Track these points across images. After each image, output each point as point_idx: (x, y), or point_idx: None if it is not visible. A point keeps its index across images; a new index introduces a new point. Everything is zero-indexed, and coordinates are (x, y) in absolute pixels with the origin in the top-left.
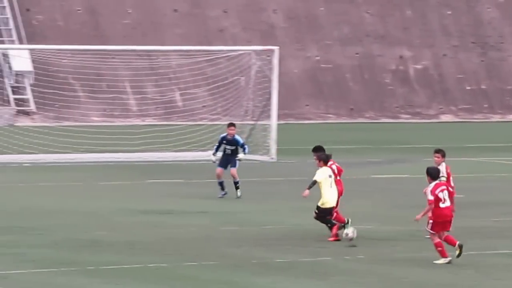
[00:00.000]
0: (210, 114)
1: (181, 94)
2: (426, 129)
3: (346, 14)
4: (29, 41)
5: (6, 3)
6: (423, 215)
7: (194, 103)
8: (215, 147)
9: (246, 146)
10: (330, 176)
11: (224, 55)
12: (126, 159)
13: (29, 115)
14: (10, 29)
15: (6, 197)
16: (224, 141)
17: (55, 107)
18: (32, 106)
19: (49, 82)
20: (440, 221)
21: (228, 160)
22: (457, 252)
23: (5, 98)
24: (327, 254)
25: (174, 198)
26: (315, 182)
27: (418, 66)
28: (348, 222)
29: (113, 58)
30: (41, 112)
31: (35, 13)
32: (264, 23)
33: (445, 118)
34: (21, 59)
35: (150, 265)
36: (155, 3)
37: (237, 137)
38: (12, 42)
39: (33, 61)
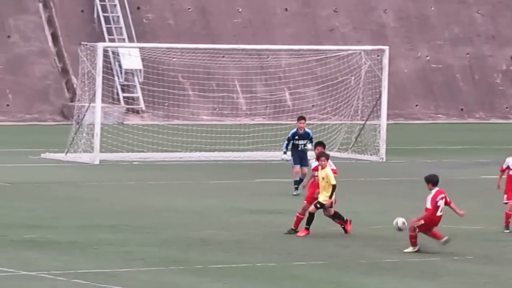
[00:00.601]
0: (320, 114)
1: (290, 94)
2: None
3: (457, 14)
4: (139, 40)
5: (117, 2)
6: (419, 220)
7: (303, 103)
8: (285, 144)
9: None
10: None
11: (334, 54)
12: (235, 158)
13: (138, 113)
14: (120, 28)
15: (115, 195)
16: (296, 136)
17: (165, 106)
18: (142, 105)
19: (158, 81)
20: (430, 225)
21: (301, 157)
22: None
23: (115, 97)
24: (436, 254)
25: (283, 198)
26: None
27: None
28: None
29: (223, 57)
30: (151, 111)
31: (146, 11)
32: (374, 23)
33: None
34: (131, 57)
35: (259, 265)
36: (265, 2)
37: (307, 130)
38: (122, 40)
39: (143, 60)
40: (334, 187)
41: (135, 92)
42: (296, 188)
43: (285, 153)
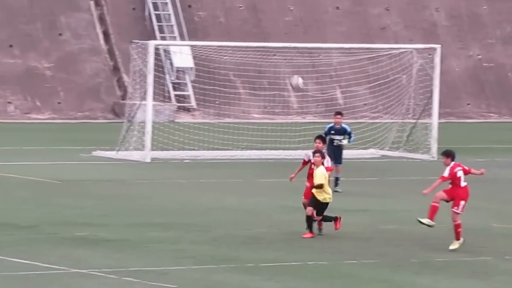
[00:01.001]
0: (371, 112)
1: (342, 92)
2: None
3: (509, 13)
4: (191, 38)
5: (168, 0)
6: (432, 189)
7: (355, 101)
8: None
9: (352, 135)
10: None
11: (386, 53)
12: (286, 156)
13: (189, 111)
14: (172, 26)
15: (166, 193)
16: (332, 131)
17: (216, 104)
18: (193, 103)
19: (209, 79)
20: (455, 197)
21: (335, 154)
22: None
23: (166, 95)
24: (487, 253)
25: (334, 196)
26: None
27: None
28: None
29: (274, 55)
30: (202, 109)
31: (197, 9)
32: (426, 22)
33: None
34: (182, 55)
35: (310, 263)
36: (317, 0)
37: (344, 125)
38: (173, 38)
39: (194, 58)
40: (318, 186)
41: (186, 90)
42: (335, 185)
43: None
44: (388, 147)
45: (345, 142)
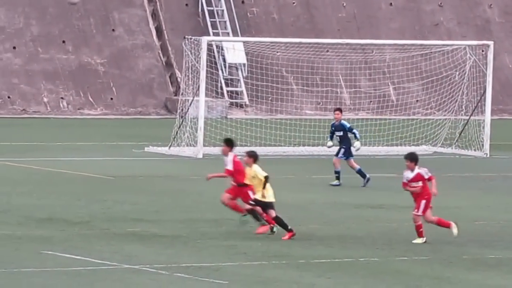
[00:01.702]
0: (424, 109)
1: (394, 88)
2: None
3: None
4: (243, 34)
5: None
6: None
7: (407, 98)
8: (329, 135)
9: (355, 130)
10: None
11: (439, 49)
12: None
13: (242, 107)
14: (225, 21)
15: (218, 189)
16: (333, 128)
17: (268, 100)
18: (245, 99)
19: (262, 75)
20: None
21: (340, 148)
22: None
23: (219, 91)
24: None
25: (387, 192)
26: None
27: None
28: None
29: (327, 51)
30: (254, 105)
31: (250, 5)
32: (479, 18)
33: None
34: (235, 51)
35: (361, 259)
36: None
37: (343, 122)
38: (226, 34)
39: (247, 54)
40: (266, 178)
41: (239, 86)
42: (336, 178)
43: (327, 142)
44: (440, 144)
45: (357, 144)
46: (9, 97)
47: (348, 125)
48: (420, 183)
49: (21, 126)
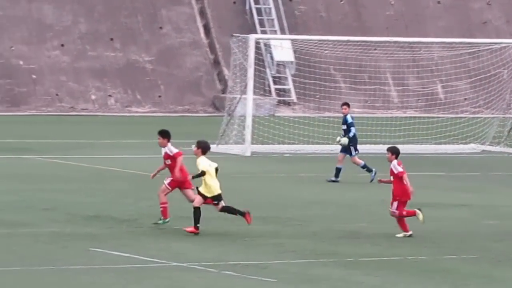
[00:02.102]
0: (472, 107)
1: (442, 87)
2: None
3: None
4: (291, 32)
5: None
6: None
7: (455, 96)
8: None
9: (352, 128)
10: (209, 165)
11: (487, 47)
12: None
13: (289, 105)
14: (272, 19)
15: (266, 187)
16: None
17: (316, 98)
18: (293, 97)
19: (310, 73)
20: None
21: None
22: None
23: (267, 88)
24: None
25: (435, 191)
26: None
27: None
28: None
29: (375, 49)
30: (302, 103)
31: (298, 3)
32: None
33: None
34: (283, 49)
35: (409, 258)
36: None
37: (347, 116)
38: (274, 32)
39: (295, 52)
40: (202, 173)
41: (286, 84)
42: (335, 175)
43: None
44: (488, 142)
45: (341, 139)
46: (57, 95)
47: (350, 120)
48: (392, 178)
49: (69, 123)
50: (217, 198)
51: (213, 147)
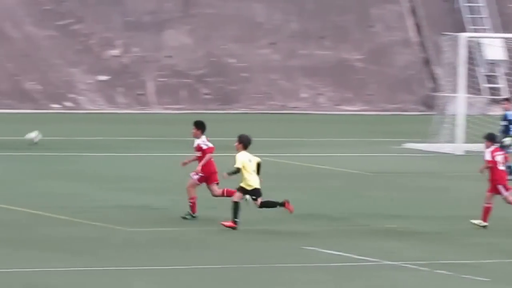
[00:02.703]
0: None
1: None
2: None
3: None
4: (504, 30)
5: None
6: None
7: None
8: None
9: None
10: (250, 161)
11: None
12: None
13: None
14: (483, 18)
15: (479, 186)
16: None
17: None
18: (506, 95)
19: None
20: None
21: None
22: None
23: (478, 87)
24: None
25: None
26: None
27: None
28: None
29: None
30: None
31: (509, 1)
32: None
33: None
34: (494, 47)
35: None
36: None
37: (507, 112)
38: (485, 30)
39: (508, 50)
40: (237, 170)
41: (498, 83)
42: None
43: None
44: None
45: (507, 140)
46: (268, 93)
47: (511, 117)
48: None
49: (280, 121)
50: (255, 193)
51: (423, 146)
